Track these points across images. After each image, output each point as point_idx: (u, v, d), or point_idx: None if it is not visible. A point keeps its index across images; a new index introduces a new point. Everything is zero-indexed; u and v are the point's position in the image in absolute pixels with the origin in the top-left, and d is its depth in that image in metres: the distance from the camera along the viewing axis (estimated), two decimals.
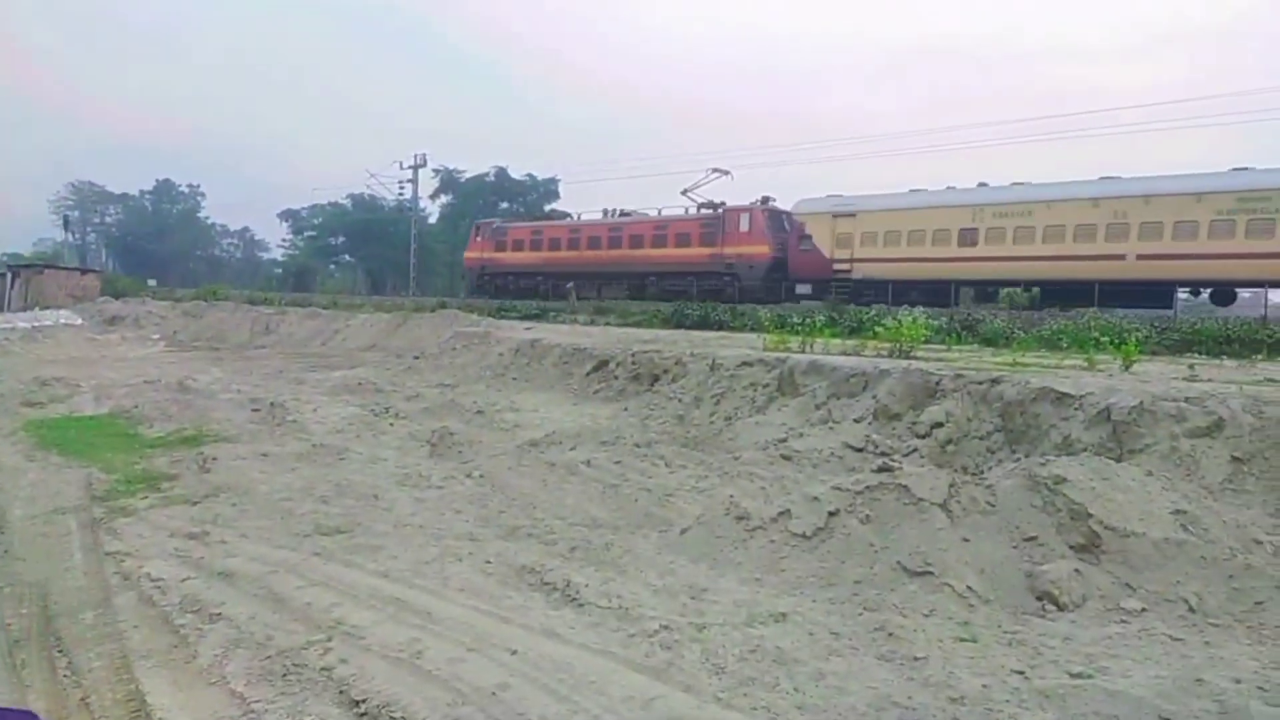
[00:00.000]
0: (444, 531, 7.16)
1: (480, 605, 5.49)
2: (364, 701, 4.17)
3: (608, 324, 25.08)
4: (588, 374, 16.14)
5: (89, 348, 26.50)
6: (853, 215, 27.86)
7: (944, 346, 16.19)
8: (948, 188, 27.38)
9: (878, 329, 16.50)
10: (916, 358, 13.21)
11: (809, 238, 28.72)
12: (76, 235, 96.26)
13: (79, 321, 36.91)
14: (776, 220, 30.37)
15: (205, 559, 6.28)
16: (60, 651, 4.87)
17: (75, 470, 9.03)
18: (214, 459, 9.37)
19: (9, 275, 49.53)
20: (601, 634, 5.09)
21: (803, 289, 28.65)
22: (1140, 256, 22.30)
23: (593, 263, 35.39)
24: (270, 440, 10.81)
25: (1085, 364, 11.74)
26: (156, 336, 31.39)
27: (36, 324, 35.03)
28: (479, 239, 41.40)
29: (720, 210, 32.03)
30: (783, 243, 29.73)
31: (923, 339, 14.90)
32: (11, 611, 5.44)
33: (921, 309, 19.48)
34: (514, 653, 4.75)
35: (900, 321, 15.49)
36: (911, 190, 27.90)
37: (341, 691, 4.29)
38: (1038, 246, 23.88)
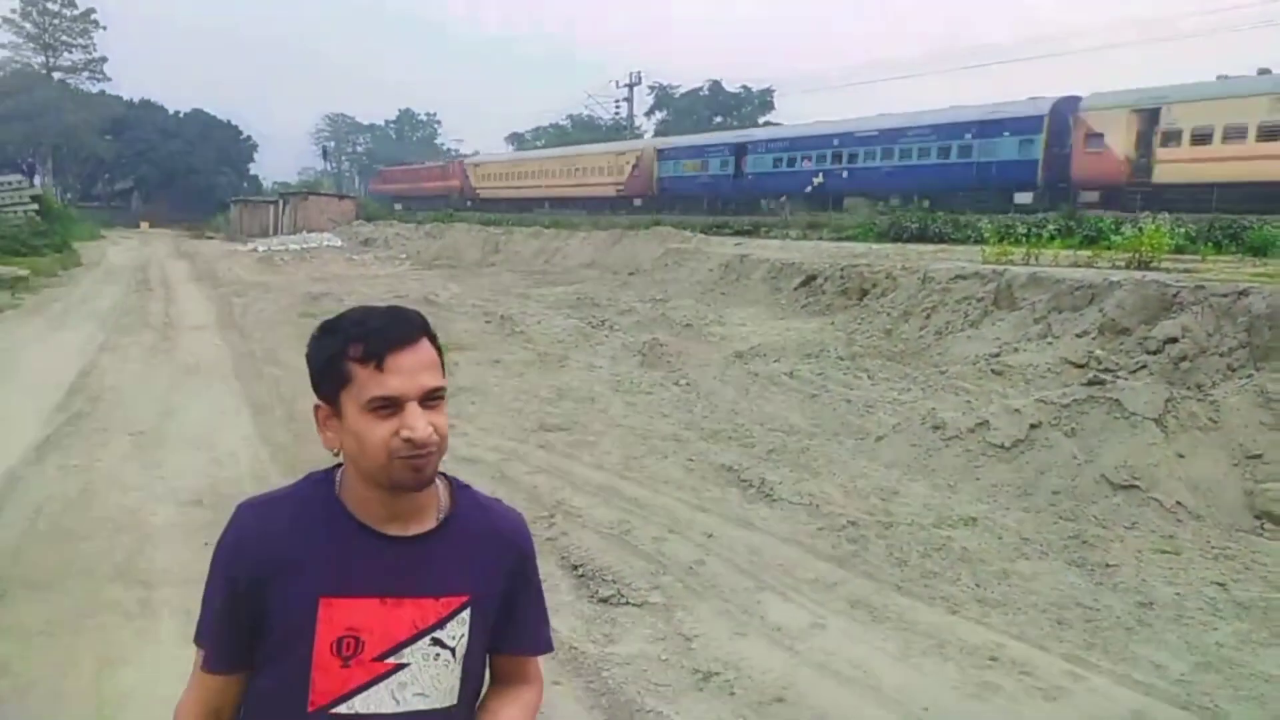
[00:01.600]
0: (652, 432, 7.78)
1: (682, 496, 6.04)
2: (581, 566, 4.83)
3: (819, 239, 24.74)
4: (795, 288, 16.20)
5: (348, 267, 29.74)
6: (480, 165, 56.75)
7: (1197, 257, 14.72)
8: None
9: (1114, 238, 15.25)
10: (1158, 269, 12.18)
11: (468, 177, 56.10)
12: (333, 164, 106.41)
13: (339, 243, 41.28)
14: (463, 166, 57.76)
15: (453, 446, 7.24)
16: None
17: None
18: (456, 364, 10.55)
19: (280, 202, 55.94)
20: (792, 526, 5.47)
21: (471, 201, 53.41)
22: (547, 187, 48.39)
23: (411, 191, 62.59)
24: (502, 348, 11.94)
25: None
26: (403, 256, 34.53)
27: (304, 246, 39.63)
28: (377, 178, 74.78)
29: (448, 161, 63.43)
30: (463, 178, 56.58)
31: (1167, 248, 13.63)
32: None
33: (1166, 215, 17.76)
34: (710, 536, 5.26)
35: (1141, 229, 14.24)
36: (513, 151, 66.94)
37: (564, 558, 4.98)
38: (528, 181, 50.14)
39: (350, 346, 1.23)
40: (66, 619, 4.30)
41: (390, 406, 1.21)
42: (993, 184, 27.27)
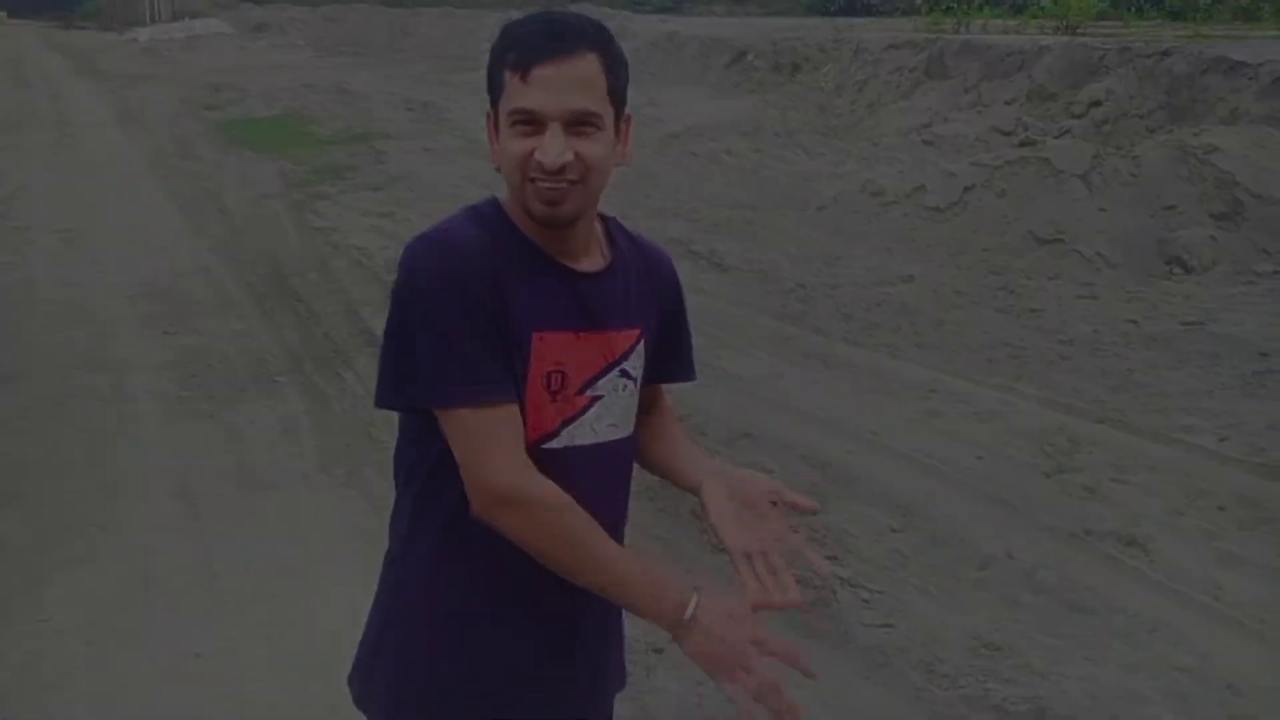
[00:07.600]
0: None
1: None
2: None
3: (747, 14, 23.82)
4: (726, 66, 15.79)
5: (243, 55, 27.49)
6: None
7: (1120, 22, 14.77)
8: None
9: (1043, 3, 15.13)
10: (1084, 34, 12.24)
11: None
12: None
13: (229, 30, 37.87)
14: None
15: (397, 232, 7.21)
16: (299, 300, 5.96)
17: (268, 163, 10.08)
18: (385, 153, 10.22)
19: None
20: (743, 291, 5.74)
21: None
22: None
23: None
24: (429, 137, 11.53)
25: None
26: (301, 43, 31.96)
27: (190, 34, 36.29)
28: None
29: None
30: None
31: (1093, 14, 13.64)
32: (251, 273, 6.57)
33: None
34: None
35: None
36: None
37: None
38: None
39: (508, 52, 1.14)
40: (44, 405, 4.35)
41: (530, 123, 1.11)
42: None
